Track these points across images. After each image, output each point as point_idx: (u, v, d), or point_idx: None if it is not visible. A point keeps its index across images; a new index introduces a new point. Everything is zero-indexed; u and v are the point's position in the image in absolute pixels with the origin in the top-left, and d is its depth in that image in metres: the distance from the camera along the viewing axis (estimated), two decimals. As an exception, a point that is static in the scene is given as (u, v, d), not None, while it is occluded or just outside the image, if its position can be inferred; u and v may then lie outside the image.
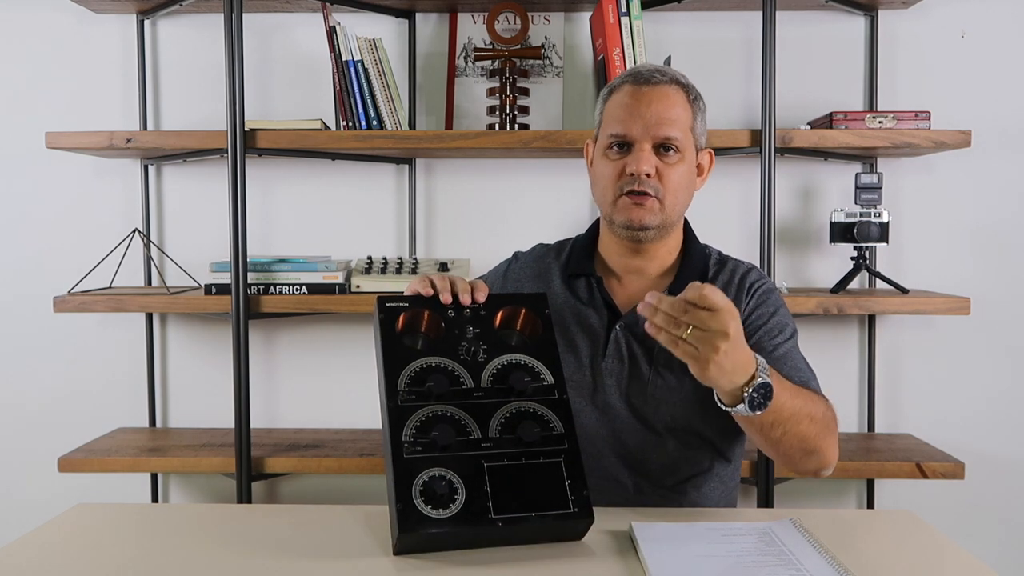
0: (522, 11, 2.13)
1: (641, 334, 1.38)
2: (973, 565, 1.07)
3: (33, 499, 2.27)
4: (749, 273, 1.43)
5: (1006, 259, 2.21)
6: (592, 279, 1.43)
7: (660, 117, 1.33)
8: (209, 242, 2.23)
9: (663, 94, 1.35)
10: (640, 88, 1.36)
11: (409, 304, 1.21)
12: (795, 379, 1.30)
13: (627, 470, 1.38)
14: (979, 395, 2.23)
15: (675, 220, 1.39)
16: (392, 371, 1.15)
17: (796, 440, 1.20)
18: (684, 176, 1.37)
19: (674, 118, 1.34)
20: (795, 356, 1.35)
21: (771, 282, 1.45)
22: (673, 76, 1.38)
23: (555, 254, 1.52)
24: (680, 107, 1.35)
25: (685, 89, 1.38)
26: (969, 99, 2.17)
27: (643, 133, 1.33)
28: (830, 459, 1.26)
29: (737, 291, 1.40)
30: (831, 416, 1.26)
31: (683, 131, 1.35)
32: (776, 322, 1.37)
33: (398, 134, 1.99)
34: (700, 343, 1.07)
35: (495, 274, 1.56)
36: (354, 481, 2.27)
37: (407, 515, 1.04)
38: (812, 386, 1.32)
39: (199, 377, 2.29)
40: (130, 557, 1.10)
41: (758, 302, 1.39)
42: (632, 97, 1.35)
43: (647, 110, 1.33)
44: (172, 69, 2.25)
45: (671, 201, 1.35)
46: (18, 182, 2.26)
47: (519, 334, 1.23)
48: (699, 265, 1.43)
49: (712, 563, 1.04)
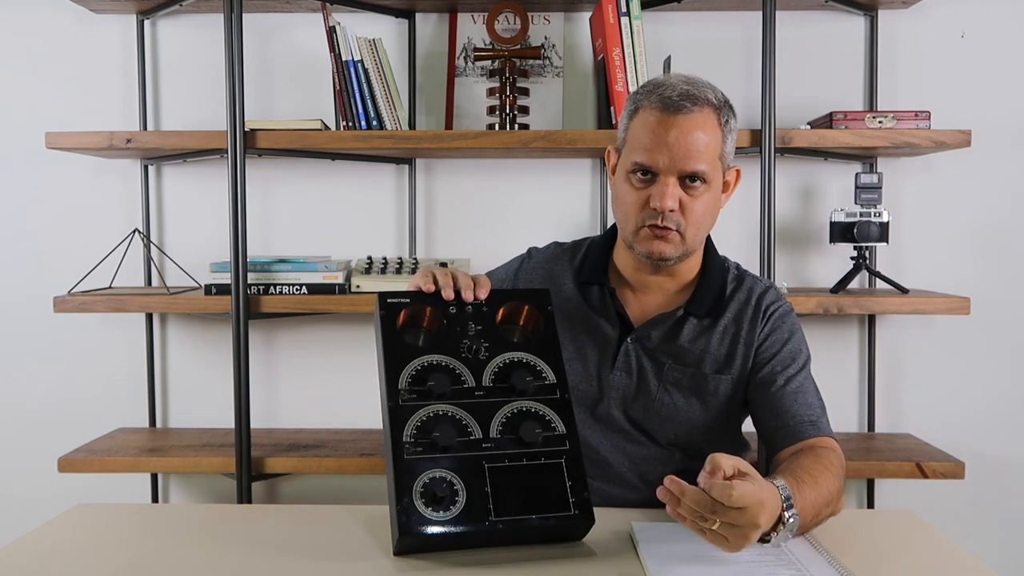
0: (522, 11, 2.13)
1: (652, 349, 1.37)
2: (973, 565, 1.07)
3: (33, 499, 2.27)
4: (766, 294, 1.40)
5: (1006, 259, 2.21)
6: (605, 288, 1.41)
7: (688, 150, 1.26)
8: (209, 242, 2.23)
9: (693, 124, 1.27)
10: (669, 116, 1.27)
11: (410, 300, 1.20)
12: (804, 417, 1.29)
13: (634, 477, 1.37)
14: (979, 395, 2.23)
15: (697, 247, 1.36)
16: (393, 369, 1.14)
17: (822, 520, 1.18)
18: (709, 205, 1.31)
19: (702, 149, 1.27)
20: (806, 390, 1.33)
21: (787, 304, 1.41)
22: (705, 98, 1.29)
23: (569, 256, 1.48)
24: (710, 135, 1.28)
25: (717, 111, 1.30)
26: (969, 99, 2.17)
27: (669, 166, 1.27)
28: (839, 509, 1.22)
29: (753, 314, 1.37)
30: (842, 471, 1.23)
31: (711, 161, 1.28)
32: (789, 350, 1.35)
33: (398, 134, 1.99)
34: (730, 534, 1.00)
35: (506, 270, 1.53)
36: (354, 481, 2.27)
37: (407, 517, 1.04)
38: (821, 425, 1.30)
39: (199, 377, 2.29)
40: (130, 557, 1.09)
41: (773, 327, 1.36)
42: (660, 125, 1.27)
43: (675, 142, 1.26)
44: (172, 69, 2.25)
45: (693, 232, 1.31)
46: (18, 182, 2.26)
47: (521, 330, 1.22)
48: (717, 282, 1.40)
49: (712, 563, 1.04)
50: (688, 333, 1.37)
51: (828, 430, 1.31)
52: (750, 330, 1.36)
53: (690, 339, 1.36)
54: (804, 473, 1.16)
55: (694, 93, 1.29)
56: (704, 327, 1.37)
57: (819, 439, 1.29)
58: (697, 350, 1.36)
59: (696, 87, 1.30)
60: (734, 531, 1.00)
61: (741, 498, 0.97)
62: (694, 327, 1.37)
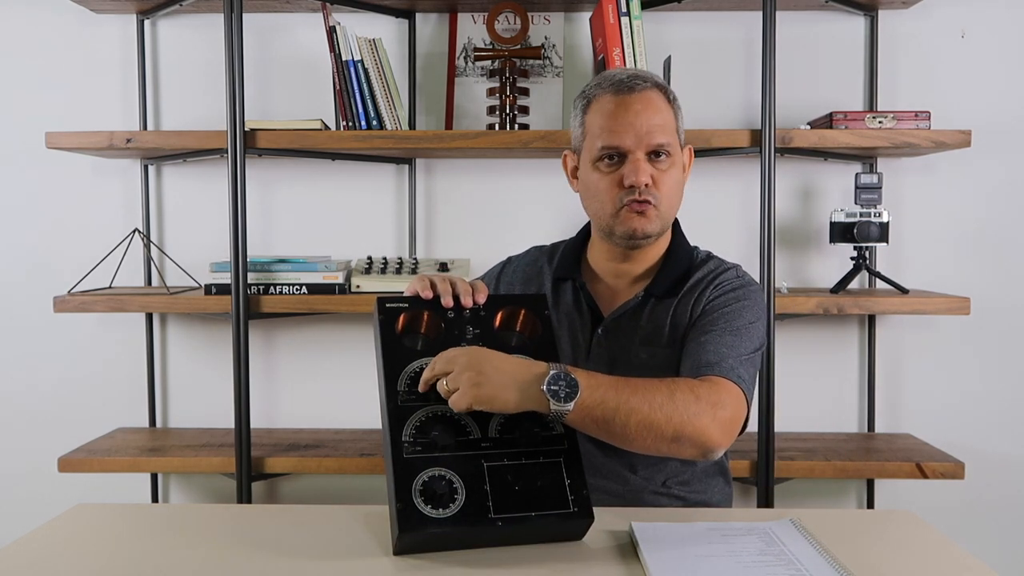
0: (522, 11, 2.13)
1: (619, 336, 1.39)
2: (973, 565, 1.07)
3: (33, 499, 2.27)
4: (727, 271, 1.41)
5: (1006, 259, 2.21)
6: (577, 283, 1.44)
7: (650, 125, 1.32)
8: (209, 242, 2.23)
9: (648, 100, 1.34)
10: (624, 97, 1.34)
11: (409, 305, 1.21)
12: (707, 360, 1.26)
13: (617, 468, 1.38)
14: (979, 395, 2.23)
15: (669, 224, 1.40)
16: (392, 372, 1.15)
17: (644, 430, 1.15)
18: (677, 179, 1.37)
19: (661, 123, 1.33)
20: (723, 341, 1.29)
21: (749, 280, 1.40)
22: (651, 79, 1.37)
23: (548, 257, 1.53)
24: (664, 111, 1.35)
25: (664, 91, 1.37)
26: (969, 99, 2.17)
27: (636, 143, 1.32)
28: (709, 442, 1.18)
29: (707, 286, 1.38)
30: (701, 397, 1.19)
31: (671, 135, 1.35)
32: (726, 312, 1.33)
33: (398, 134, 1.99)
34: (453, 383, 1.10)
35: (489, 276, 1.57)
36: (354, 481, 2.27)
37: (407, 515, 1.05)
38: (722, 367, 1.25)
39: (199, 377, 2.29)
40: (130, 557, 1.09)
41: (721, 293, 1.36)
42: (617, 106, 1.34)
43: (636, 119, 1.32)
44: (172, 69, 2.25)
45: (667, 205, 1.36)
46: (18, 182, 2.26)
47: (519, 335, 1.23)
48: (682, 265, 1.42)
49: (712, 563, 1.04)
50: (648, 314, 1.39)
51: (726, 372, 1.25)
52: (698, 298, 1.38)
53: (650, 319, 1.38)
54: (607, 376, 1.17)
55: (640, 74, 1.37)
56: (663, 306, 1.39)
57: (709, 377, 1.25)
58: (656, 328, 1.38)
59: (638, 73, 1.38)
60: (454, 379, 1.10)
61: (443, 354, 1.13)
62: (653, 307, 1.39)
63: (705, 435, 1.18)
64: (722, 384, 1.24)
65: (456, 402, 1.10)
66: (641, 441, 1.17)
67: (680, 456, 1.22)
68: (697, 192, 2.05)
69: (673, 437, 1.16)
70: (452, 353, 1.13)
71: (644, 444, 1.17)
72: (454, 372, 1.11)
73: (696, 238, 1.50)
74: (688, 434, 1.17)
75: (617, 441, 1.18)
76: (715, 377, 1.25)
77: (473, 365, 1.10)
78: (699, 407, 1.18)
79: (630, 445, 1.19)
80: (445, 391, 1.11)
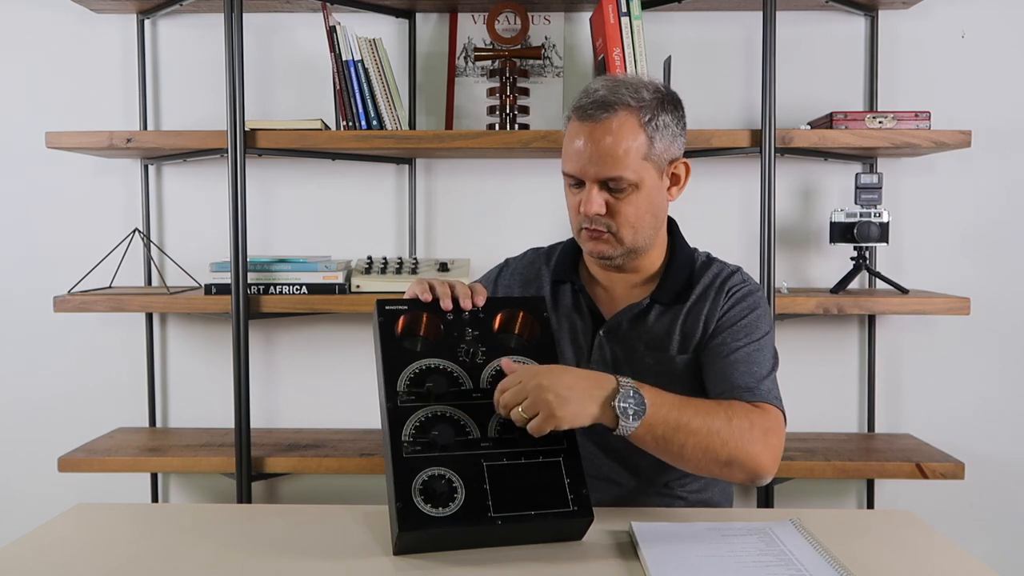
0: (522, 11, 2.13)
1: (622, 339, 1.39)
2: (973, 565, 1.07)
3: (33, 499, 2.27)
4: (732, 275, 1.42)
5: (1006, 259, 2.21)
6: (576, 285, 1.44)
7: (604, 157, 1.28)
8: (209, 242, 2.23)
9: (606, 130, 1.27)
10: (584, 125, 1.29)
11: (408, 307, 1.21)
12: (743, 384, 1.29)
13: (619, 469, 1.38)
14: (979, 395, 2.23)
15: (643, 244, 1.37)
16: (391, 372, 1.16)
17: (700, 452, 1.18)
18: (642, 205, 1.32)
19: (619, 155, 1.27)
20: (753, 360, 1.32)
21: (754, 284, 1.42)
22: (622, 102, 1.28)
23: (545, 259, 1.53)
24: (628, 138, 1.27)
25: (638, 112, 1.28)
26: (969, 99, 2.17)
27: (589, 174, 1.30)
28: (759, 469, 1.21)
29: (716, 294, 1.39)
30: (755, 424, 1.22)
31: (632, 165, 1.28)
32: (744, 324, 1.35)
33: (398, 134, 1.99)
34: (532, 409, 1.11)
35: (486, 279, 1.57)
36: (354, 481, 2.27)
37: (407, 514, 1.05)
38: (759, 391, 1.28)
39: (199, 377, 2.29)
40: (130, 557, 1.10)
41: (734, 303, 1.37)
42: (578, 135, 1.30)
43: (594, 149, 1.28)
44: (172, 69, 2.25)
45: (629, 232, 1.33)
46: (18, 182, 2.26)
47: (518, 337, 1.23)
48: (684, 272, 1.41)
49: (712, 563, 1.04)
50: (654, 320, 1.39)
51: (766, 396, 1.28)
52: (712, 308, 1.38)
53: (657, 325, 1.38)
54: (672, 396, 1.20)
55: (609, 99, 1.28)
56: (671, 313, 1.39)
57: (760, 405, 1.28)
58: (664, 334, 1.38)
59: (614, 91, 1.29)
60: (531, 405, 1.10)
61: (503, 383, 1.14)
62: (660, 313, 1.39)
63: (756, 461, 1.20)
64: (769, 411, 1.26)
65: (539, 428, 1.10)
66: (695, 462, 1.19)
67: (728, 479, 1.25)
68: (697, 192, 2.04)
69: (726, 461, 1.19)
70: (516, 380, 1.13)
71: (697, 465, 1.20)
72: (528, 399, 1.10)
73: (696, 238, 1.50)
74: (741, 460, 1.19)
75: (670, 459, 1.21)
76: (764, 404, 1.27)
77: (549, 388, 1.10)
78: (753, 434, 1.21)
79: (682, 464, 1.21)
80: (522, 419, 1.11)
